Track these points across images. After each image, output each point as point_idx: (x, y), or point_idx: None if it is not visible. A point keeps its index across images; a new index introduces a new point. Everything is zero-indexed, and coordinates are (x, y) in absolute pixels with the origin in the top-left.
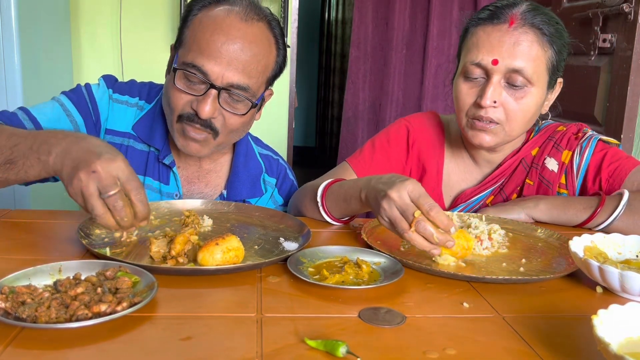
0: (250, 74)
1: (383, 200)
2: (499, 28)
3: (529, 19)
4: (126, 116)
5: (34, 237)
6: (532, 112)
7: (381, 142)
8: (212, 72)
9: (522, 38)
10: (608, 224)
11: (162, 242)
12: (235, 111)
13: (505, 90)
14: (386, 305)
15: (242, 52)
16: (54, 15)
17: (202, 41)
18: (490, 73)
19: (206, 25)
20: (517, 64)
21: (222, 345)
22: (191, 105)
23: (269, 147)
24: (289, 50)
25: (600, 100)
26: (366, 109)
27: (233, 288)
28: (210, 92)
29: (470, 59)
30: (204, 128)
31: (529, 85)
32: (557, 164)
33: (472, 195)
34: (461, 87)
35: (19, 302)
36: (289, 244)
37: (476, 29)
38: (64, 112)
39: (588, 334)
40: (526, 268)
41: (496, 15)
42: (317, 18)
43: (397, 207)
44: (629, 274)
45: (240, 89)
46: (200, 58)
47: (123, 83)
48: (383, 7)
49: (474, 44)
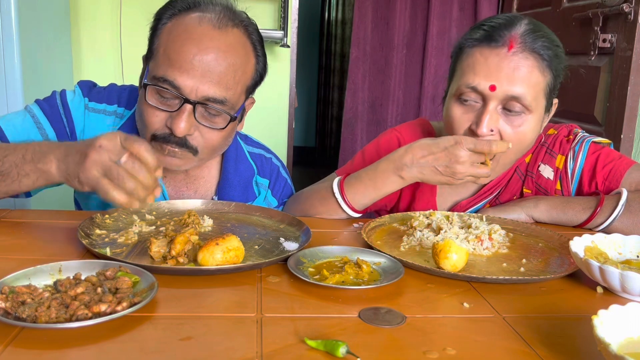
0: (227, 86)
1: (406, 158)
2: (497, 52)
3: (529, 44)
4: (104, 126)
5: (34, 237)
6: (530, 139)
7: (370, 152)
8: (185, 86)
9: (521, 63)
10: (608, 225)
11: (162, 242)
12: (213, 126)
13: (502, 117)
14: (386, 305)
15: (217, 62)
16: (54, 15)
17: (173, 53)
18: (487, 99)
19: (177, 35)
20: (516, 90)
21: (222, 345)
22: (166, 123)
23: (259, 144)
24: (289, 50)
25: (600, 100)
26: (366, 109)
27: (233, 288)
28: (184, 107)
29: (465, 82)
30: (181, 147)
31: (527, 112)
32: (552, 171)
33: (468, 207)
34: (455, 111)
35: (19, 302)
36: (289, 244)
37: (472, 50)
38: (34, 124)
39: (588, 334)
40: (526, 268)
41: (494, 37)
42: (317, 18)
43: (429, 153)
44: (629, 274)
45: (217, 102)
46: (171, 71)
47: (101, 89)
48: (383, 7)
49: (469, 67)
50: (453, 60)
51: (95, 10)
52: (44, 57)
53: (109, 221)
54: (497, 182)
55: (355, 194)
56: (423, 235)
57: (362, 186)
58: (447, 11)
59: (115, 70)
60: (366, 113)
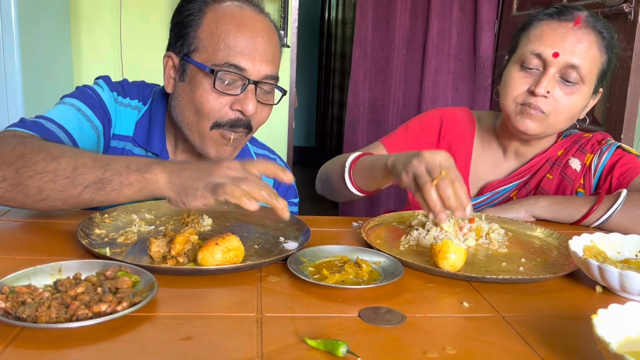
0: (276, 63)
1: (415, 157)
2: (565, 25)
3: (592, 22)
4: (130, 119)
5: (34, 237)
6: (577, 109)
7: (414, 127)
8: (249, 67)
9: (584, 38)
10: (605, 219)
11: (162, 242)
12: (269, 102)
13: (558, 84)
14: (386, 305)
15: (270, 43)
16: (54, 15)
17: (230, 39)
18: (548, 65)
19: (226, 23)
20: (575, 60)
21: (222, 345)
22: (230, 107)
23: (265, 146)
24: (289, 50)
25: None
26: (367, 109)
27: (233, 288)
28: (249, 88)
29: (530, 49)
30: (245, 129)
31: (581, 83)
32: (580, 164)
33: (498, 186)
34: (514, 74)
35: (19, 302)
36: (288, 243)
37: (541, 23)
38: (83, 117)
39: (588, 333)
40: (526, 268)
41: (563, 13)
42: (317, 18)
43: (425, 165)
44: (628, 274)
45: (273, 78)
46: (233, 56)
47: (119, 84)
48: (384, 7)
49: (536, 36)
50: (517, 33)
51: (95, 10)
52: (44, 57)
53: (108, 221)
54: (529, 167)
55: (358, 172)
56: (420, 234)
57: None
58: (447, 11)
59: (115, 70)
60: (367, 113)
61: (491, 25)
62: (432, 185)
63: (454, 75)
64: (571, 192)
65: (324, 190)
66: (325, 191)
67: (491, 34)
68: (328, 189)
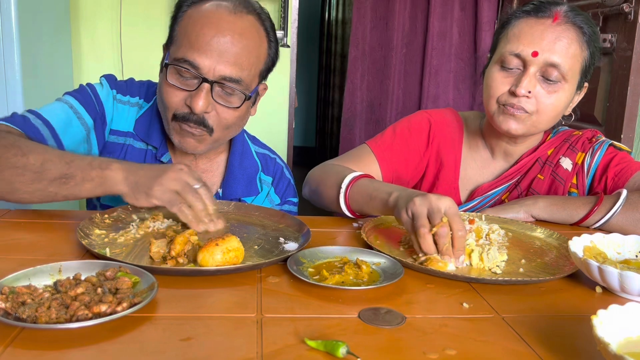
0: (242, 66)
1: (418, 197)
2: (543, 22)
3: (572, 17)
4: (128, 116)
5: (34, 237)
6: (561, 107)
7: (402, 130)
8: (204, 65)
9: (563, 35)
10: (606, 221)
11: (162, 243)
12: (229, 104)
13: (540, 83)
14: (386, 305)
15: (233, 44)
16: (54, 15)
17: (192, 35)
18: (528, 64)
19: (195, 20)
20: (555, 58)
21: (222, 346)
22: (185, 102)
23: (266, 146)
24: (289, 50)
25: (600, 100)
26: (365, 109)
27: (233, 288)
28: (202, 86)
29: (509, 49)
30: (198, 126)
31: (563, 81)
32: (571, 164)
33: (489, 189)
34: (496, 75)
35: (19, 302)
36: (288, 244)
37: (519, 21)
38: (74, 114)
39: (588, 334)
40: (526, 268)
41: (541, 9)
42: (317, 18)
43: (428, 207)
44: (628, 274)
45: (233, 81)
46: (190, 52)
47: (123, 82)
48: (382, 7)
49: (515, 35)
50: (497, 33)
51: (95, 10)
52: (44, 57)
53: (108, 221)
54: (518, 169)
55: (356, 196)
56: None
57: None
58: (447, 11)
59: (115, 70)
60: (365, 112)
61: (491, 25)
62: (429, 232)
63: (455, 75)
64: (563, 192)
65: (311, 198)
66: (314, 200)
67: (491, 33)
68: (317, 199)
